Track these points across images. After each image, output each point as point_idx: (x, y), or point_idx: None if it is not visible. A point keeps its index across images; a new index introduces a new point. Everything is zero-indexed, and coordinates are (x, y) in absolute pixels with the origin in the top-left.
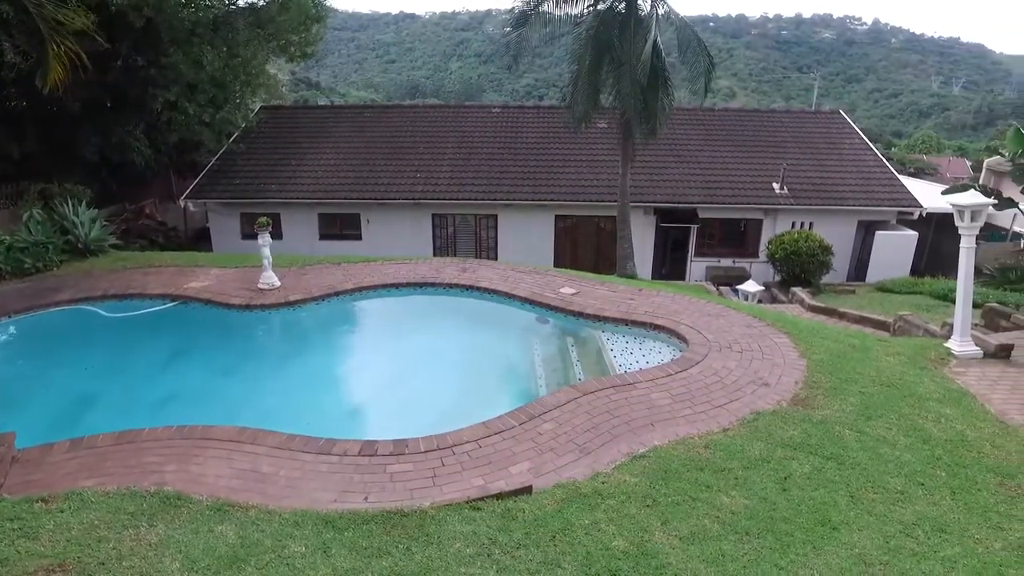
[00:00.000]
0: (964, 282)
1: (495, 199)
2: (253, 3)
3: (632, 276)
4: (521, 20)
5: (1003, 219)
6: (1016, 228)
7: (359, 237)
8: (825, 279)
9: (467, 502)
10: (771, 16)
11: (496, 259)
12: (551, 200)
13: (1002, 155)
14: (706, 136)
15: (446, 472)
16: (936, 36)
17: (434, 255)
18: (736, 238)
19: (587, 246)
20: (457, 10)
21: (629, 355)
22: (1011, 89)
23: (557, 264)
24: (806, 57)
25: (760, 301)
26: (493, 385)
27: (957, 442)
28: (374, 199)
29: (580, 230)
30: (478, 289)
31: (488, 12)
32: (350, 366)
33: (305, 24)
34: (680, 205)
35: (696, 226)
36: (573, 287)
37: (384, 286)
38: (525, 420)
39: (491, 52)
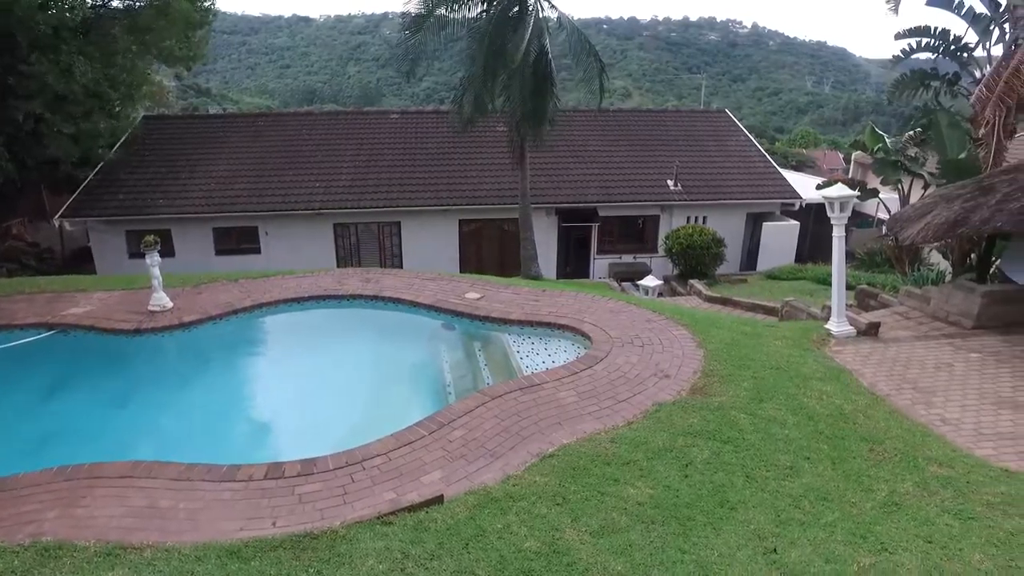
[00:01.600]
0: (837, 268)
1: (397, 206)
2: (130, 6)
3: (537, 277)
4: (417, 24)
5: (871, 207)
6: (880, 215)
7: (258, 251)
8: (720, 270)
9: (378, 517)
10: (661, 19)
11: (401, 267)
12: (454, 205)
13: (863, 151)
14: (603, 137)
15: (356, 488)
16: (807, 40)
17: (337, 266)
18: (635, 234)
19: (492, 249)
20: (353, 13)
21: (535, 356)
22: (870, 89)
23: (463, 268)
24: (695, 58)
25: (660, 295)
26: (402, 395)
27: (836, 416)
28: (272, 211)
29: (484, 233)
30: (382, 299)
31: (385, 15)
32: (253, 387)
33: (186, 30)
34: (580, 205)
35: (597, 224)
36: (478, 291)
37: (285, 301)
38: (435, 429)
39: (388, 56)
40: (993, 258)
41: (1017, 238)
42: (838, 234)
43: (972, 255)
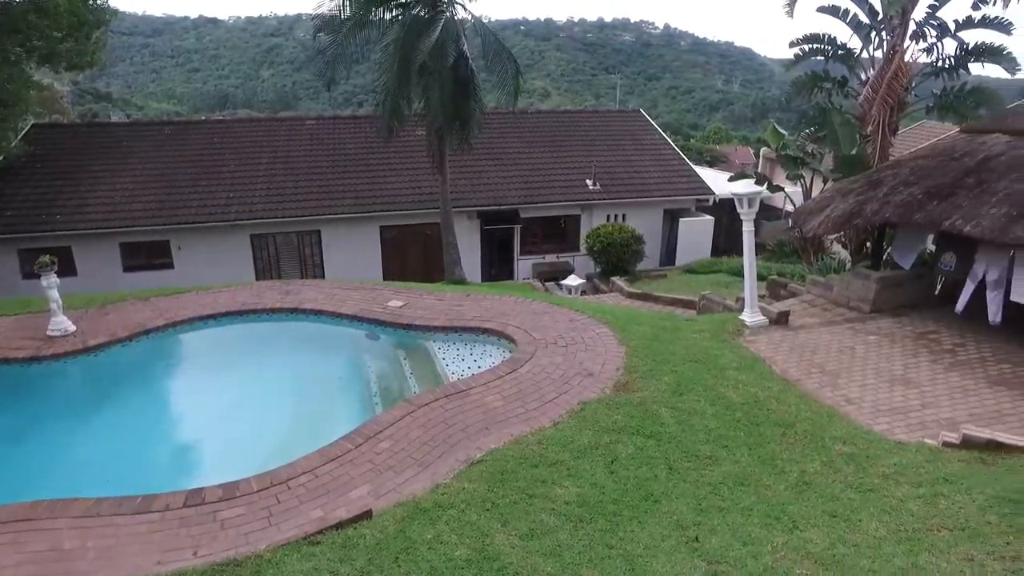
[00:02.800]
0: (748, 261)
1: (316, 214)
2: (7, 3)
3: (461, 281)
4: (332, 27)
5: (779, 200)
6: (788, 208)
7: (171, 266)
8: (640, 266)
9: (306, 538)
10: (576, 20)
11: (323, 277)
12: (374, 211)
13: (769, 147)
14: (522, 138)
15: (282, 509)
16: (716, 40)
17: (256, 279)
18: (557, 234)
19: (415, 255)
20: (264, 14)
21: (461, 362)
22: (775, 87)
23: (387, 276)
24: (611, 58)
25: (584, 293)
26: (328, 410)
27: (752, 403)
28: (184, 223)
29: (407, 239)
30: (303, 311)
31: (299, 16)
32: (169, 411)
33: (83, 29)
34: (502, 207)
35: (519, 226)
36: (401, 299)
37: (201, 318)
38: (361, 442)
39: (304, 59)
40: (885, 246)
41: (903, 227)
42: (748, 228)
43: (867, 244)
